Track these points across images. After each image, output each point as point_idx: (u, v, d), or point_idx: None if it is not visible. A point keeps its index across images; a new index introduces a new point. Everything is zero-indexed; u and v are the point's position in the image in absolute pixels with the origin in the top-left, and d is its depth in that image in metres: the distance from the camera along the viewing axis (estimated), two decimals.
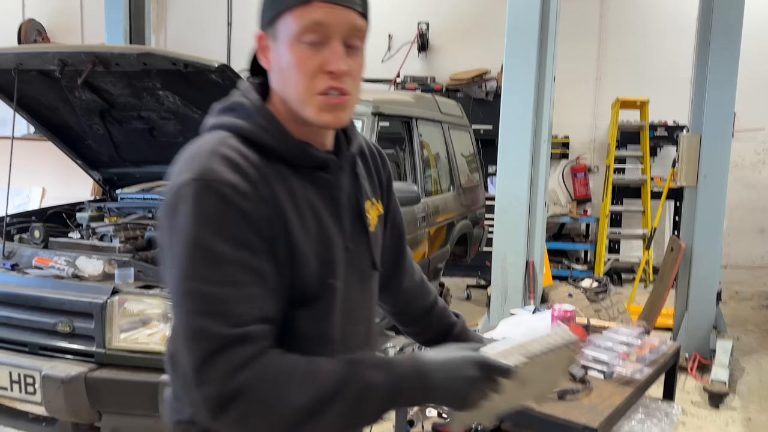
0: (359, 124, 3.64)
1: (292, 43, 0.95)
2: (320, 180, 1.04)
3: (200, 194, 0.90)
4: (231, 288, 0.89)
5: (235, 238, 0.90)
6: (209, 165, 0.92)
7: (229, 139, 0.97)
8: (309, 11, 0.94)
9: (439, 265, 4.58)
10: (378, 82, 7.10)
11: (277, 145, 0.99)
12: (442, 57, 7.32)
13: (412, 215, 3.90)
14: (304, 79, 0.96)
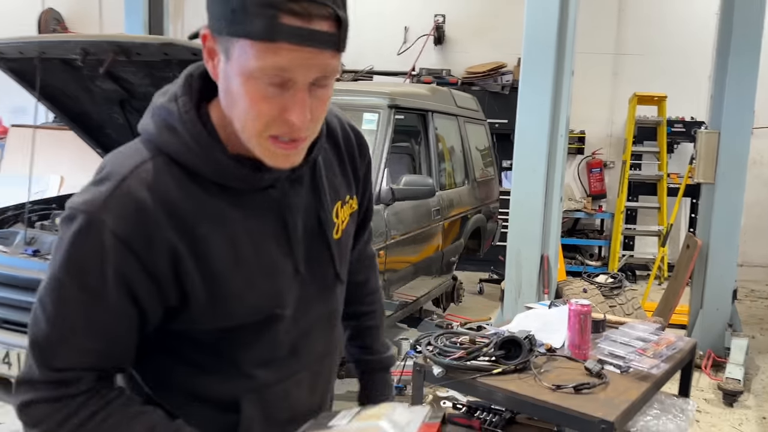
0: (375, 117, 3.65)
1: (248, 78, 0.78)
2: (266, 201, 0.92)
3: (82, 233, 0.82)
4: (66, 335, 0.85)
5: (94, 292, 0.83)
6: (104, 199, 0.82)
7: (151, 161, 0.86)
8: (273, 51, 0.76)
9: (453, 258, 4.58)
10: (393, 75, 7.10)
11: (206, 169, 0.87)
12: (458, 50, 7.29)
13: (426, 208, 3.91)
14: (258, 122, 0.81)
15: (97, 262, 0.82)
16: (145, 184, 0.84)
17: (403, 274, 3.70)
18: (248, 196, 0.90)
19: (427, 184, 3.44)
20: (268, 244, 0.93)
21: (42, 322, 0.85)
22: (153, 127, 0.88)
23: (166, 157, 0.86)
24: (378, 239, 3.28)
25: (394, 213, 3.48)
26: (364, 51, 7.20)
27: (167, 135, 0.87)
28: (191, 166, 0.86)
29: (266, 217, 0.92)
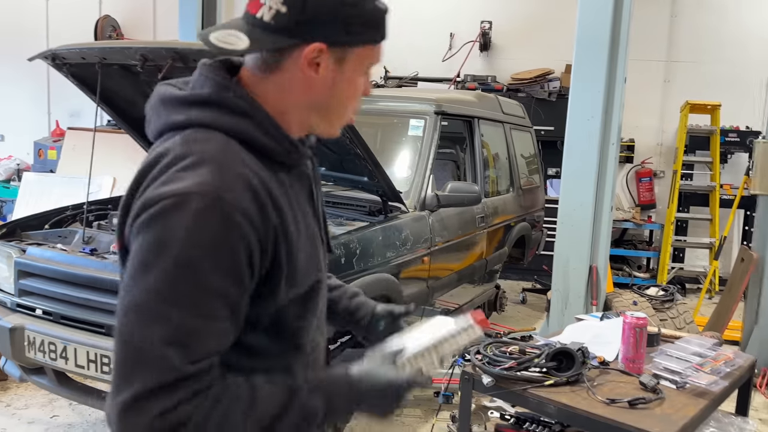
0: (421, 123, 3.65)
1: (362, 74, 0.99)
2: (303, 175, 1.04)
3: (205, 213, 0.82)
4: (208, 321, 0.83)
5: (230, 271, 0.84)
6: (221, 180, 0.84)
7: (232, 145, 0.90)
8: (380, 49, 0.99)
9: (496, 266, 4.54)
10: (438, 81, 7.09)
11: (275, 146, 0.94)
12: (504, 56, 7.24)
13: (471, 215, 3.88)
14: (355, 103, 1.01)
15: (227, 237, 0.83)
16: (241, 162, 0.89)
17: (447, 282, 3.68)
18: (293, 172, 1.00)
19: (473, 191, 3.42)
20: (309, 214, 1.02)
21: (175, 318, 0.81)
22: (212, 115, 0.92)
23: (234, 139, 0.91)
24: (422, 245, 3.27)
25: (438, 219, 3.46)
26: (409, 57, 7.22)
27: (239, 120, 0.92)
28: (262, 147, 0.93)
29: (304, 190, 1.03)
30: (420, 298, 3.31)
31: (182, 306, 0.81)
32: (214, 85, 0.94)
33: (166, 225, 0.82)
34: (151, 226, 0.83)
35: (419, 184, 3.37)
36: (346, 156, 2.94)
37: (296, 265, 0.94)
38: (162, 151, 0.90)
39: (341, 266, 2.61)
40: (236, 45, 0.90)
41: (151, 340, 0.81)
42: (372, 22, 0.95)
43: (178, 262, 0.81)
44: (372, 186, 3.06)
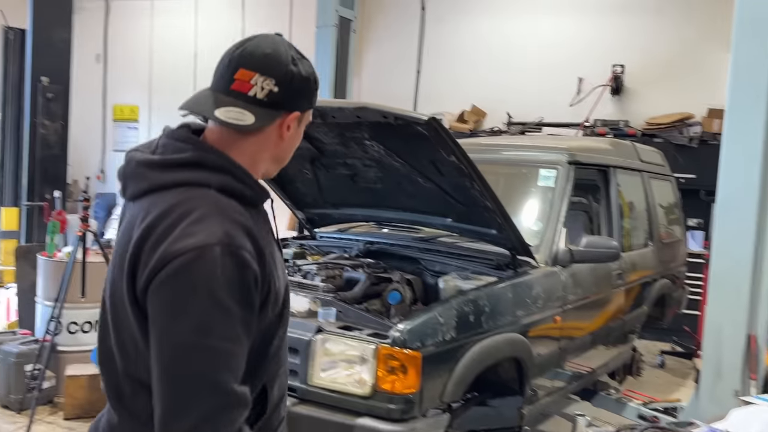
0: (553, 174, 3.50)
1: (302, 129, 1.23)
2: (265, 213, 1.20)
3: (223, 259, 1.00)
4: (238, 345, 1.02)
5: (246, 300, 1.03)
6: (227, 230, 1.03)
7: (223, 198, 1.09)
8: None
9: (634, 328, 4.20)
10: (564, 126, 6.87)
11: (249, 192, 1.13)
12: (638, 100, 6.88)
13: (606, 271, 3.63)
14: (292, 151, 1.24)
15: (243, 276, 1.02)
16: (235, 212, 1.08)
17: (580, 343, 3.44)
18: (261, 211, 1.18)
19: (611, 246, 3.20)
20: (274, 245, 1.18)
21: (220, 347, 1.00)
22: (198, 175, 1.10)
23: (223, 193, 1.09)
24: (554, 303, 3.09)
25: (571, 275, 3.27)
26: (533, 103, 7.09)
27: (222, 176, 1.11)
28: (240, 194, 1.12)
29: (267, 225, 1.19)
30: (552, 360, 3.11)
31: (223, 337, 1.00)
32: (194, 148, 1.13)
33: (194, 273, 0.99)
34: (179, 276, 1.00)
35: (551, 237, 3.21)
36: (473, 207, 2.87)
37: (277, 290, 1.13)
38: (164, 209, 1.06)
39: (470, 324, 2.51)
40: (245, 120, 1.11)
41: (203, 370, 0.99)
42: (315, 91, 1.21)
43: (211, 301, 0.99)
44: (500, 239, 2.96)
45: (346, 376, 2.30)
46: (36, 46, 4.73)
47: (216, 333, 1.00)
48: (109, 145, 9.48)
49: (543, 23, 7.29)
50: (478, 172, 2.55)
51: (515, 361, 2.84)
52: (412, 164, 2.82)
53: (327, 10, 6.07)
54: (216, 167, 1.11)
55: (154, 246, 1.03)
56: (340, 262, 3.18)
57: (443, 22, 7.76)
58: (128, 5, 9.27)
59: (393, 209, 3.33)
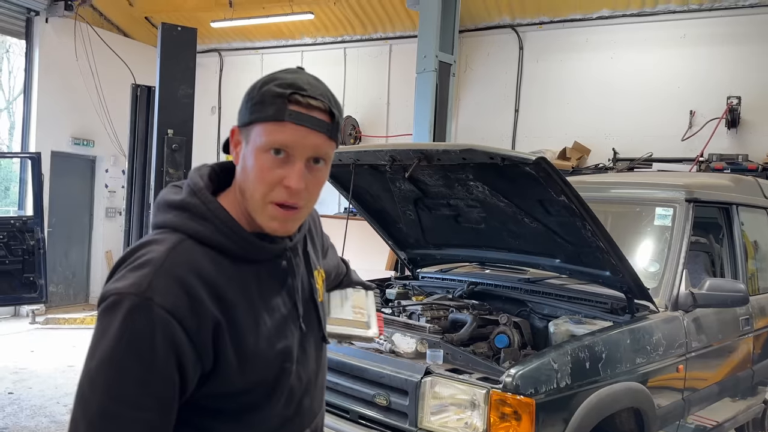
0: (669, 212, 3.32)
1: (260, 152, 1.01)
2: (275, 268, 1.10)
3: (132, 313, 0.92)
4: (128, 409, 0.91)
5: (152, 363, 0.92)
6: (149, 281, 0.94)
7: (181, 244, 1.00)
8: (280, 129, 1.00)
9: (765, 378, 3.82)
10: (677, 162, 6.53)
11: (230, 245, 1.03)
12: (757, 132, 6.44)
13: (732, 317, 3.36)
14: (262, 187, 1.01)
15: (150, 335, 0.92)
16: (183, 263, 0.98)
17: (705, 394, 3.18)
18: (261, 265, 1.07)
19: (738, 290, 2.96)
20: (278, 305, 1.09)
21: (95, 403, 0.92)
22: (179, 219, 1.04)
23: (193, 240, 1.02)
24: (676, 351, 2.89)
25: (694, 320, 3.05)
26: (641, 138, 6.82)
27: (197, 223, 1.03)
28: (219, 246, 1.03)
29: (276, 283, 1.10)
30: (675, 412, 2.90)
31: (105, 393, 0.92)
32: (187, 191, 1.07)
33: (105, 320, 0.94)
34: (99, 318, 0.96)
35: (670, 280, 3.03)
36: (584, 248, 2.78)
37: (250, 353, 1.02)
38: (131, 248, 1.04)
39: (585, 371, 2.40)
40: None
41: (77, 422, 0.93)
42: (261, 103, 1.02)
43: (108, 354, 0.92)
44: (614, 281, 2.83)
45: (456, 421, 2.26)
46: (162, 101, 5.20)
47: (102, 388, 0.92)
48: None
49: (647, 57, 7.06)
50: (590, 212, 2.47)
51: (635, 413, 2.67)
52: (518, 204, 2.79)
53: (427, 57, 6.23)
54: (197, 214, 1.04)
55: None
56: (445, 303, 3.16)
57: (541, 61, 7.71)
58: (240, 60, 9.98)
59: (497, 249, 3.29)
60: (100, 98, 8.76)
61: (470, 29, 7.99)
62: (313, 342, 1.19)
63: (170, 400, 0.96)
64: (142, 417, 0.93)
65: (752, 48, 6.51)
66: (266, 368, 1.06)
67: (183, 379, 0.97)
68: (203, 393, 1.01)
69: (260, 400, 1.07)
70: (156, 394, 0.94)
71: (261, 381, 1.06)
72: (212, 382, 1.01)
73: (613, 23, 7.29)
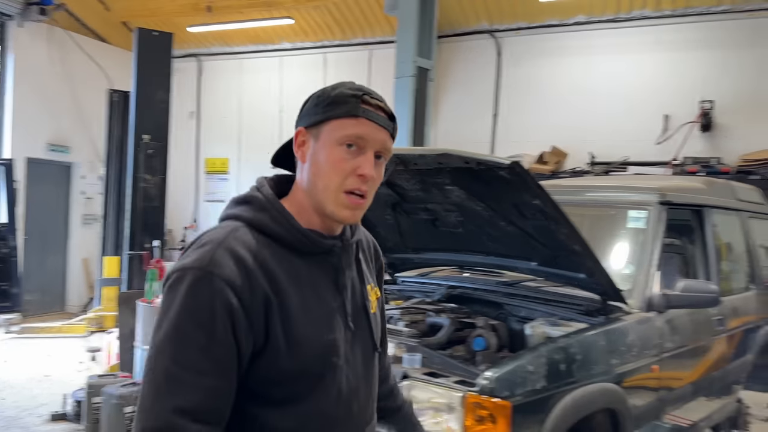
0: (643, 215, 3.37)
1: (334, 145, 1.12)
2: (326, 264, 1.17)
3: (196, 284, 1.03)
4: (192, 374, 1.00)
5: (213, 330, 1.01)
6: (211, 256, 1.05)
7: (239, 229, 1.11)
8: (356, 124, 1.12)
9: (739, 378, 3.89)
10: (652, 165, 6.64)
11: (285, 234, 1.12)
12: (730, 136, 6.58)
13: (705, 317, 3.42)
14: (337, 177, 1.12)
15: (211, 303, 1.02)
16: (241, 243, 1.08)
17: (680, 394, 3.22)
18: (313, 259, 1.15)
19: (710, 291, 3.01)
20: (327, 298, 1.15)
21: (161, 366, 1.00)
22: (241, 211, 1.15)
23: (254, 228, 1.12)
24: (651, 351, 2.93)
25: (667, 321, 3.10)
26: (617, 142, 6.93)
27: (257, 212, 1.14)
28: (274, 234, 1.12)
29: (325, 276, 1.16)
30: (650, 412, 2.93)
31: (171, 359, 1.00)
32: (252, 189, 1.19)
33: (171, 294, 1.04)
34: (165, 294, 1.06)
35: (644, 281, 3.07)
36: (559, 251, 2.81)
37: (298, 336, 1.08)
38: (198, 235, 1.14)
39: (561, 373, 2.42)
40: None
41: (148, 390, 1.01)
42: (335, 102, 1.13)
43: (175, 321, 1.02)
44: (589, 283, 2.87)
45: (434, 424, 2.26)
46: (138, 107, 5.16)
47: (168, 355, 1.01)
48: (202, 195, 10.04)
49: (622, 62, 7.17)
50: (564, 215, 2.50)
51: (610, 413, 2.70)
52: (494, 208, 2.81)
53: (405, 62, 6.27)
54: (258, 206, 1.15)
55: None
56: (422, 306, 3.17)
57: (519, 66, 7.79)
58: (219, 65, 9.94)
59: (475, 253, 3.31)
60: (76, 104, 8.65)
61: (449, 35, 8.05)
62: (362, 347, 1.23)
63: (230, 365, 1.04)
64: (205, 382, 1.01)
65: (724, 53, 6.65)
66: (313, 356, 1.11)
67: (238, 346, 1.05)
68: (253, 375, 1.08)
69: (306, 391, 1.11)
70: (217, 360, 1.02)
71: (307, 368, 1.10)
72: (262, 361, 1.07)
73: (589, 29, 7.40)
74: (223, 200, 9.79)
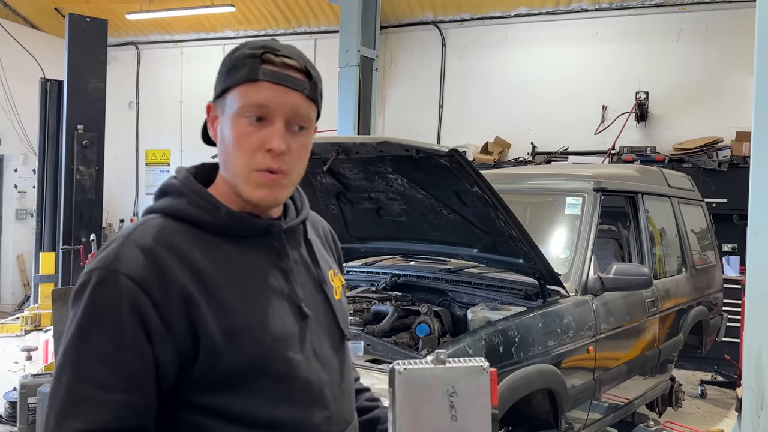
0: (579, 201, 3.49)
1: (235, 118, 0.98)
2: (264, 247, 1.03)
3: (98, 286, 0.91)
4: (98, 390, 0.87)
5: (121, 337, 0.89)
6: (118, 252, 0.93)
7: (152, 220, 0.99)
8: (255, 90, 0.97)
9: (671, 356, 4.08)
10: (590, 155, 6.85)
11: (207, 218, 0.99)
12: (664, 126, 6.84)
13: (639, 299, 3.56)
14: (243, 155, 0.97)
15: (116, 306, 0.89)
16: (151, 235, 0.96)
17: (615, 374, 3.36)
18: (247, 243, 1.01)
19: (642, 273, 3.14)
20: (270, 284, 1.01)
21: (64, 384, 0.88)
22: (157, 203, 1.03)
23: (170, 217, 0.99)
24: (586, 333, 3.04)
25: (602, 304, 3.21)
26: (558, 132, 7.10)
27: (174, 200, 1.01)
28: (195, 220, 0.99)
29: (266, 261, 1.03)
30: (587, 392, 3.04)
31: (73, 374, 0.88)
32: (169, 178, 1.06)
33: (75, 302, 0.92)
34: (72, 302, 0.94)
35: (580, 265, 3.18)
36: (499, 237, 2.87)
37: (238, 329, 0.94)
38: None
39: (499, 355, 2.48)
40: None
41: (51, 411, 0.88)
42: (235, 66, 0.99)
43: (75, 333, 0.90)
44: (528, 268, 2.94)
45: None
46: (72, 96, 4.95)
47: (70, 370, 0.88)
48: (142, 188, 9.74)
49: (563, 54, 7.35)
50: (501, 202, 2.56)
51: (549, 393, 2.79)
52: (435, 196, 2.84)
53: (349, 51, 6.25)
54: (171, 191, 1.03)
55: None
56: (367, 295, 3.19)
57: (464, 57, 7.88)
58: (158, 54, 9.64)
59: (419, 241, 3.34)
60: (6, 94, 8.23)
61: (393, 25, 8.06)
62: (329, 337, 1.09)
63: (143, 376, 0.90)
64: (114, 398, 0.88)
65: (659, 46, 6.91)
66: (260, 349, 0.96)
67: (154, 353, 0.91)
68: (191, 384, 0.94)
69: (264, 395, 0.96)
70: (127, 371, 0.89)
71: (257, 366, 0.96)
72: (199, 366, 0.93)
73: (531, 21, 7.55)
74: None
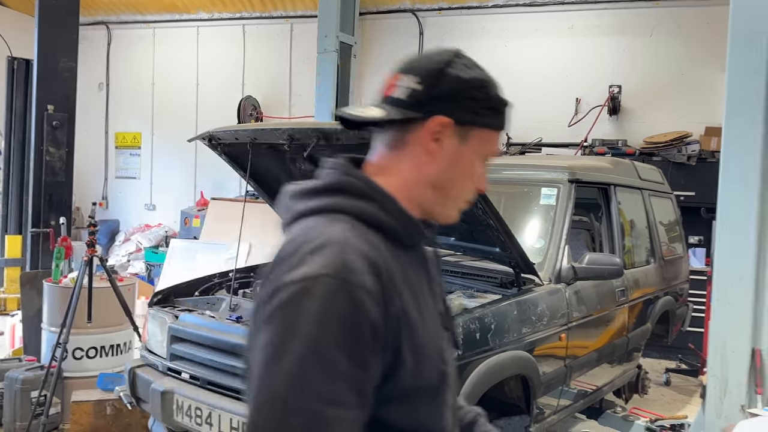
0: (554, 192, 3.54)
1: (481, 157, 1.00)
2: (420, 258, 1.01)
3: (333, 296, 0.81)
4: (342, 410, 0.80)
5: (357, 354, 0.81)
6: (345, 260, 0.83)
7: (355, 226, 0.90)
8: (498, 138, 1.03)
9: (639, 345, 4.20)
10: (563, 147, 6.95)
11: (400, 228, 0.94)
12: (635, 120, 6.97)
13: (609, 289, 3.65)
14: (470, 188, 1.01)
15: (355, 318, 0.81)
16: (366, 242, 0.89)
17: (585, 361, 3.44)
18: (411, 251, 0.98)
19: (613, 263, 3.22)
20: (426, 296, 0.97)
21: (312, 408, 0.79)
22: (335, 200, 0.94)
23: (362, 222, 0.92)
24: (559, 320, 3.10)
25: (575, 292, 3.29)
26: (532, 124, 7.16)
27: (361, 202, 0.94)
28: (385, 226, 0.93)
29: (422, 274, 1.00)
30: (558, 378, 3.11)
31: (318, 395, 0.79)
32: (337, 173, 0.97)
33: (297, 309, 0.81)
34: (283, 311, 0.82)
35: (554, 255, 3.24)
36: (476, 226, 2.90)
37: (420, 348, 0.89)
38: (291, 237, 0.91)
39: (475, 342, 2.52)
40: (369, 114, 0.97)
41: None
42: (496, 109, 1.00)
43: (312, 348, 0.79)
44: (504, 257, 2.99)
45: None
46: (42, 75, 4.81)
47: (312, 391, 0.79)
48: (112, 172, 9.55)
49: (538, 46, 7.41)
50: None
51: (522, 380, 2.85)
52: None
53: (328, 36, 6.21)
54: (357, 193, 0.94)
55: (270, 278, 0.88)
56: None
57: (441, 46, 7.86)
58: (130, 34, 9.42)
59: None
60: None
61: (372, 12, 8.01)
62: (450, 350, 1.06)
63: (370, 392, 0.85)
64: (349, 417, 0.81)
65: (631, 40, 7.01)
66: (432, 367, 0.93)
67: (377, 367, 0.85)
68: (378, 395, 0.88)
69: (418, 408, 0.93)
70: (362, 388, 0.83)
71: (426, 383, 0.92)
72: (390, 380, 0.87)
73: (507, 12, 7.58)
74: (135, 177, 9.39)
